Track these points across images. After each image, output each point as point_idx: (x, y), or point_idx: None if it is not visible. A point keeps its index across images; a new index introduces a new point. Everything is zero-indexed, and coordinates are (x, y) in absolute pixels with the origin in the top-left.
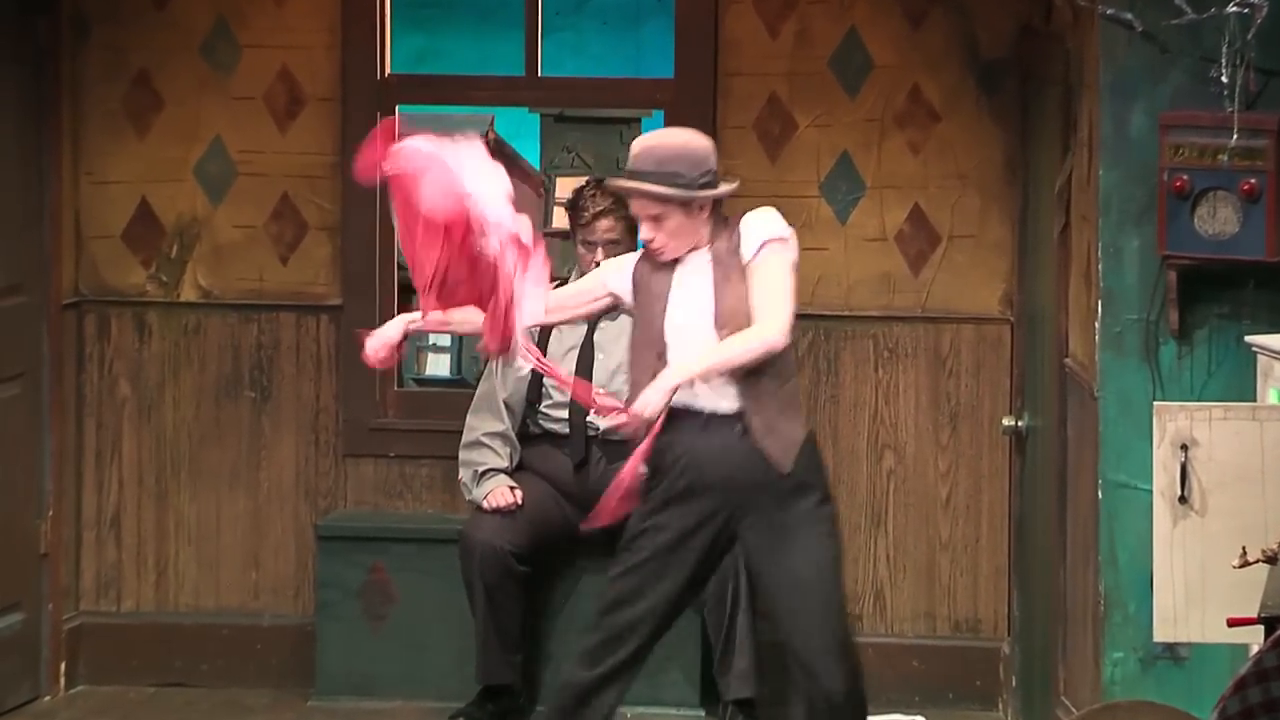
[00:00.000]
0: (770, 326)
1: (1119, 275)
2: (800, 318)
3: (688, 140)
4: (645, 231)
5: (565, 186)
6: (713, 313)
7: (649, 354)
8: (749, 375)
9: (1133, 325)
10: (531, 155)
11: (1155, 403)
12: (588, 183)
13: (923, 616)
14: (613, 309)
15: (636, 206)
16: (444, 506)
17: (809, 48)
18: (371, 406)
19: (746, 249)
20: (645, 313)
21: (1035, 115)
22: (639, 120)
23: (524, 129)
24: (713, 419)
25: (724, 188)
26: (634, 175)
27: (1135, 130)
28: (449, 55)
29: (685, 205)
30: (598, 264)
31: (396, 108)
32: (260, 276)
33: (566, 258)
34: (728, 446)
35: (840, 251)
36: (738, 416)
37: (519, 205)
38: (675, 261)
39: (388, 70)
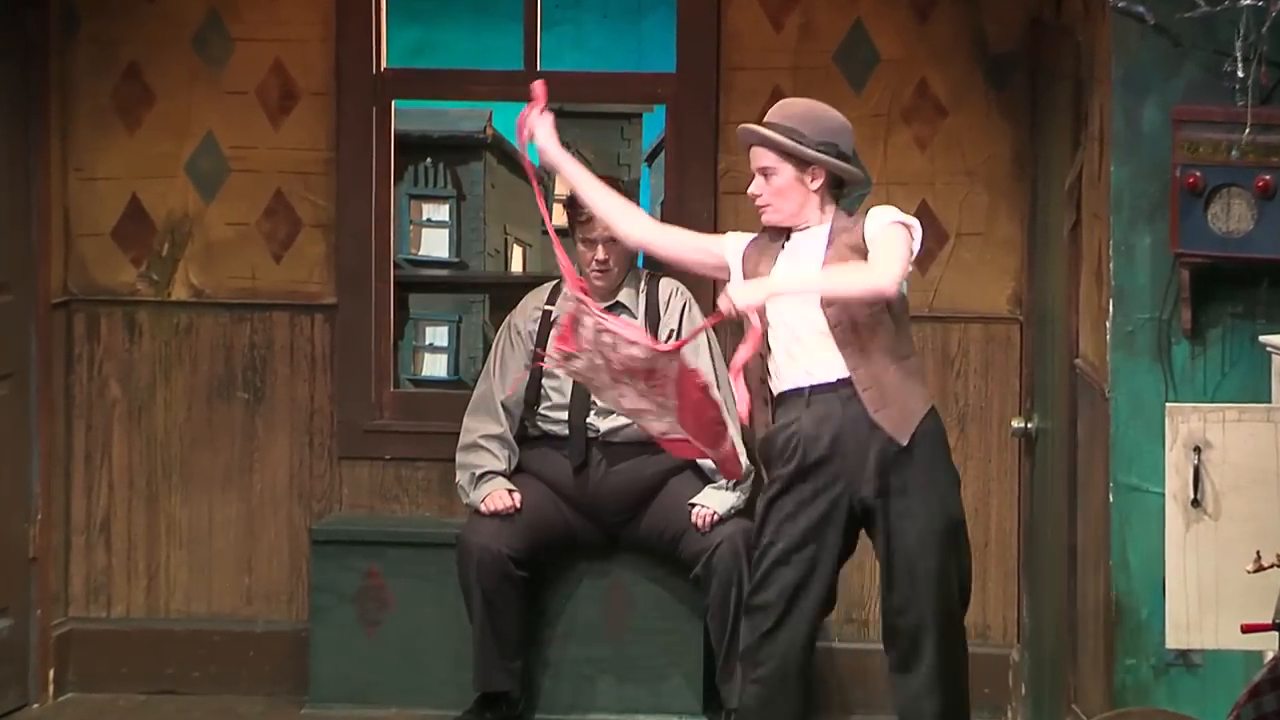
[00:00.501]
0: (881, 272)
1: (1131, 274)
2: None
3: (824, 109)
4: (753, 186)
5: (565, 183)
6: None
7: (761, 318)
8: (860, 349)
9: (1145, 325)
10: (531, 151)
11: (1168, 404)
12: None
13: None
14: (717, 271)
15: (753, 157)
16: (441, 510)
17: (813, 41)
18: (367, 408)
19: (869, 230)
20: (755, 274)
21: (1045, 110)
22: (640, 116)
23: None
24: (816, 391)
25: (844, 165)
26: (763, 126)
27: (1147, 125)
28: (446, 49)
29: (797, 166)
30: (598, 261)
31: (392, 103)
32: (253, 275)
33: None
34: (830, 414)
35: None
36: (843, 384)
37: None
38: (785, 241)
39: (383, 64)
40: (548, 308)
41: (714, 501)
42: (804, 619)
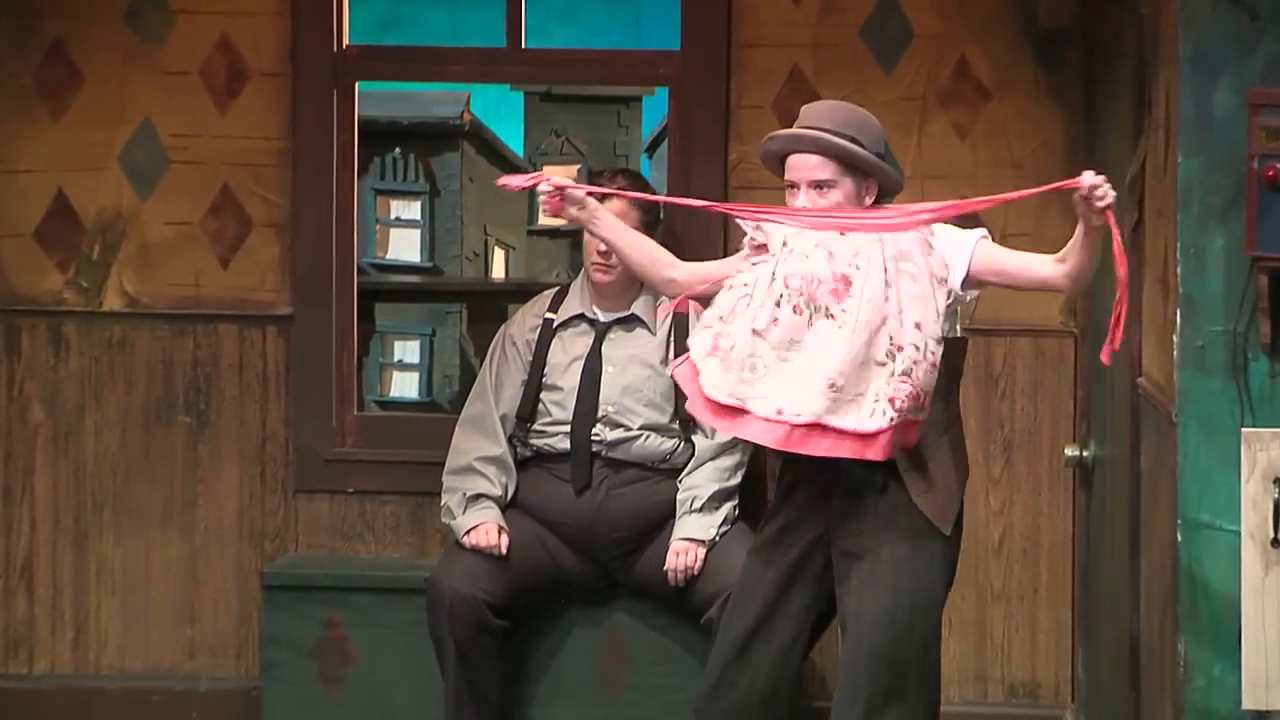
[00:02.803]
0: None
1: (1201, 280)
2: None
3: (865, 112)
4: (803, 199)
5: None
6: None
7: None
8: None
9: (1217, 338)
10: (514, 139)
11: (1243, 429)
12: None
13: (972, 680)
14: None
15: (803, 168)
16: (411, 550)
17: (837, 14)
18: (327, 433)
19: (958, 249)
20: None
21: (1102, 93)
22: (639, 99)
23: (505, 109)
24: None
25: (897, 175)
26: (812, 129)
27: (1220, 110)
28: (417, 23)
29: (858, 179)
30: (600, 253)
31: (356, 85)
32: (196, 282)
33: (554, 260)
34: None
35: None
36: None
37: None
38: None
39: (345, 41)
40: (549, 316)
41: (694, 530)
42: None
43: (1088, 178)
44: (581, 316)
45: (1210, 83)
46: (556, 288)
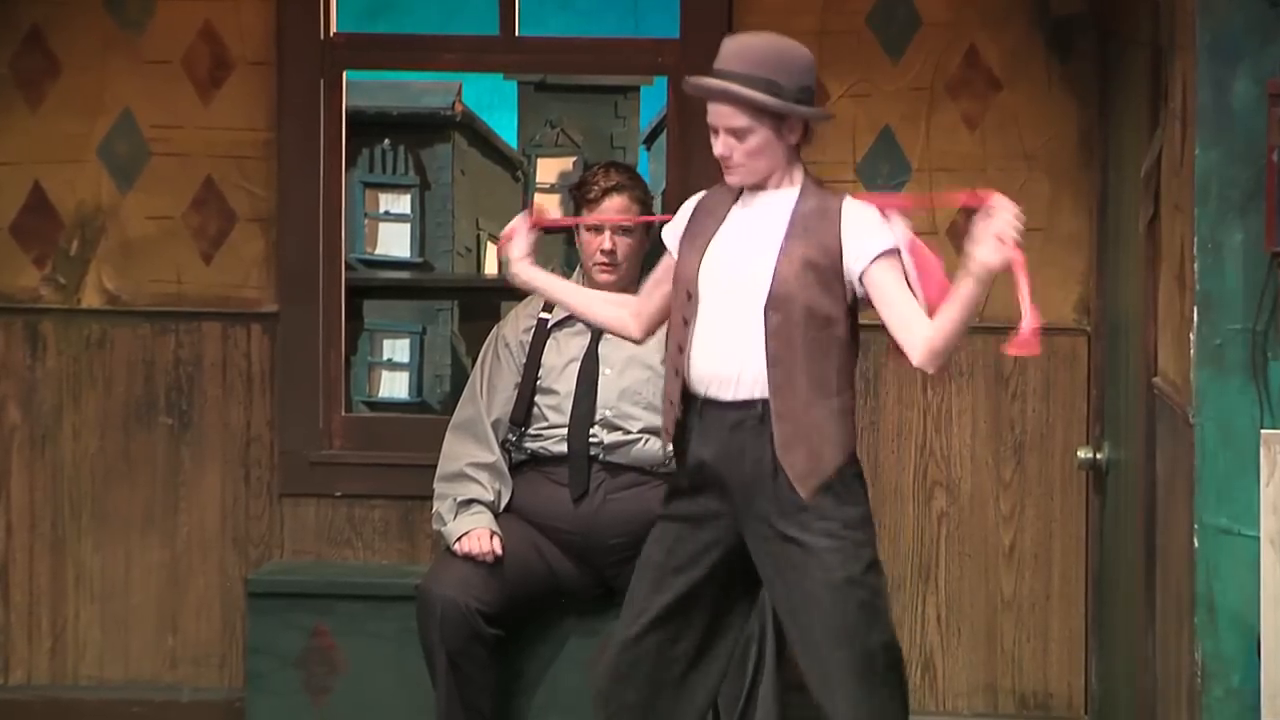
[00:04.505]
0: (921, 346)
1: (1219, 276)
2: None
3: (789, 47)
4: (721, 146)
5: (548, 169)
6: (770, 277)
7: (679, 295)
8: (788, 373)
9: (1236, 337)
10: (507, 131)
11: (1263, 430)
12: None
13: (982, 690)
14: None
15: (718, 115)
16: (400, 556)
17: (843, 1)
18: (313, 435)
19: (857, 251)
20: (683, 253)
21: (1117, 83)
22: (637, 89)
23: (498, 99)
24: (726, 408)
25: (822, 113)
26: (721, 76)
27: (1239, 100)
28: (407, 10)
29: (776, 122)
30: (603, 252)
31: (344, 74)
32: (178, 278)
33: (550, 256)
34: (733, 438)
35: None
36: (755, 405)
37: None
38: (733, 203)
39: (333, 28)
40: (544, 316)
41: None
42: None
43: (997, 198)
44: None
45: (1229, 72)
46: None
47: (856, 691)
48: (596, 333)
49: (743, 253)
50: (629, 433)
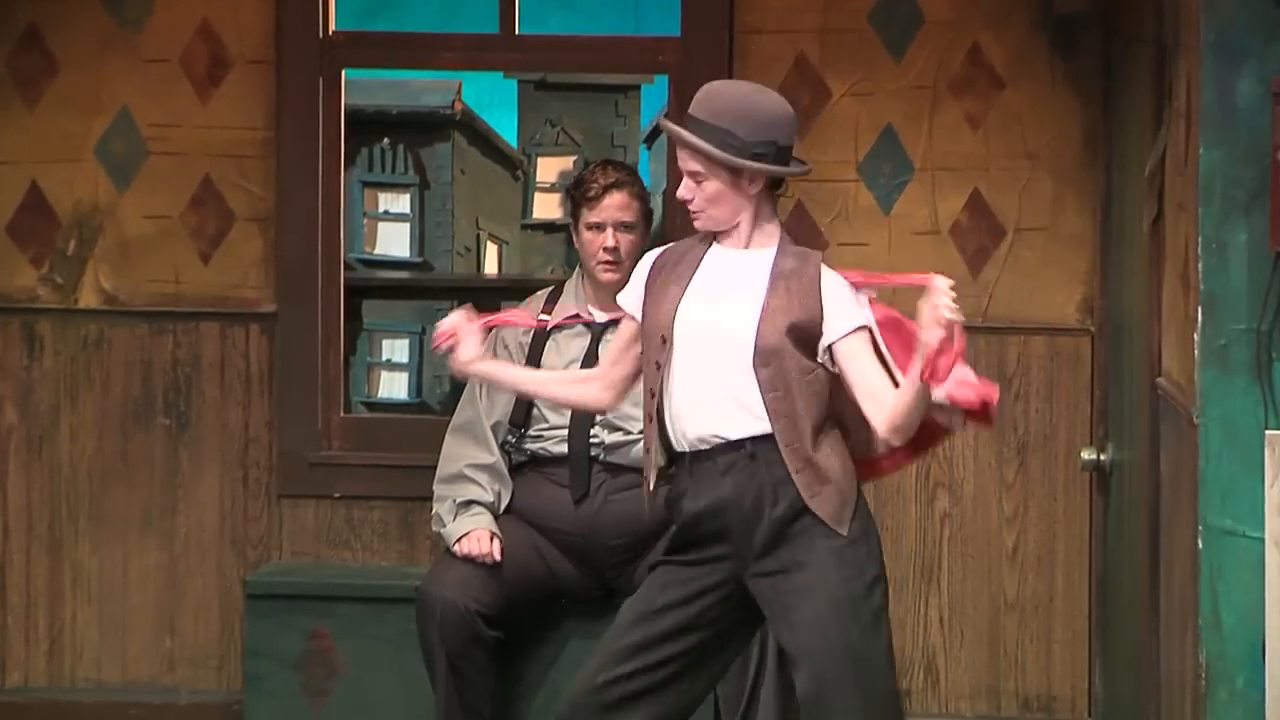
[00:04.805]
0: (890, 424)
1: (1223, 276)
2: None
3: (758, 100)
4: (683, 189)
5: (549, 168)
6: (754, 333)
7: (652, 341)
8: (793, 422)
9: (1240, 337)
10: (507, 130)
11: (1268, 431)
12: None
13: (984, 692)
14: None
15: (680, 158)
16: (400, 558)
17: None
18: (312, 436)
19: (835, 323)
20: (656, 299)
21: (1121, 82)
22: (637, 88)
23: (498, 98)
24: (718, 453)
25: (781, 168)
26: (687, 121)
27: (1244, 99)
28: (406, 8)
29: (732, 173)
30: (606, 249)
31: (342, 72)
32: (176, 278)
33: (550, 255)
34: (725, 482)
35: (883, 247)
36: (743, 445)
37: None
38: (702, 255)
39: (332, 26)
40: (543, 317)
41: None
42: None
43: (936, 279)
44: (577, 317)
45: (1233, 71)
46: (550, 286)
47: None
48: (597, 334)
49: (723, 305)
50: (629, 433)
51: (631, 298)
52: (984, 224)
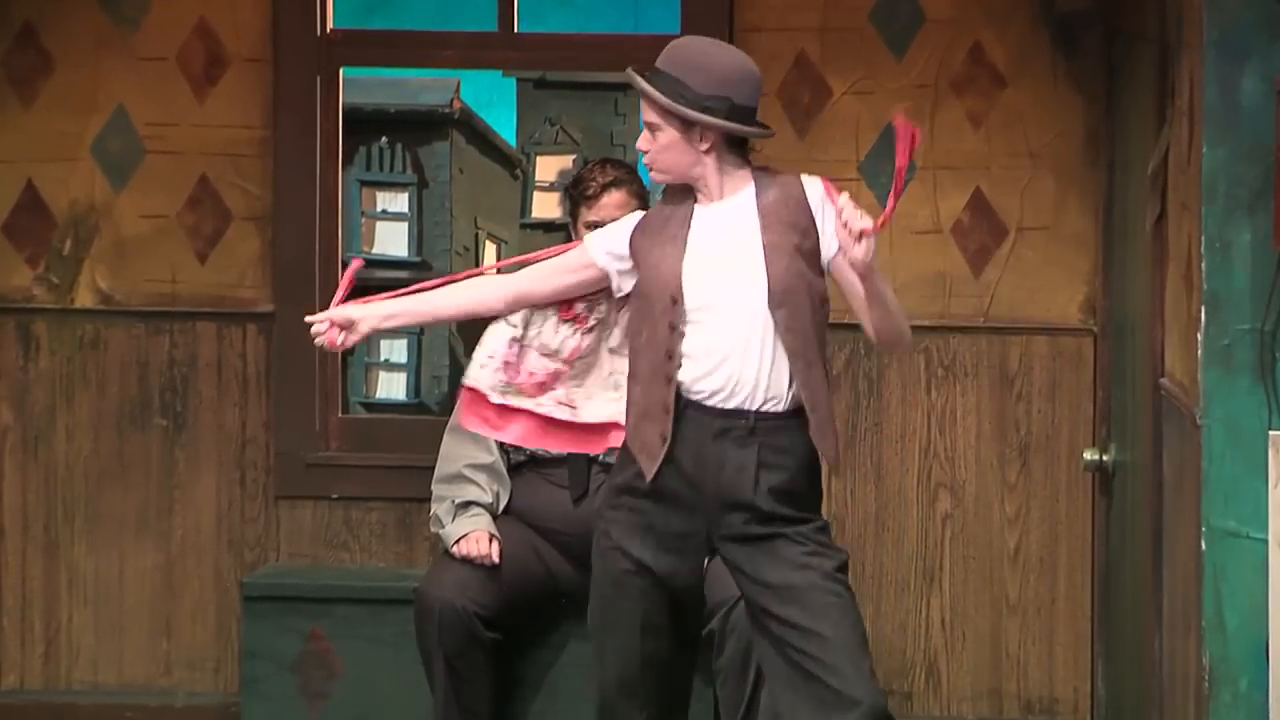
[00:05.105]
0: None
1: (1227, 276)
2: (834, 327)
3: (714, 54)
4: (640, 139)
5: (548, 167)
6: (764, 274)
7: (658, 303)
8: (808, 361)
9: (1244, 337)
10: (506, 129)
11: (1272, 432)
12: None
13: (986, 695)
14: (596, 289)
15: (642, 109)
16: (397, 559)
17: None
18: (310, 437)
19: (831, 236)
20: (654, 261)
21: (1123, 80)
22: None
23: (497, 96)
24: (716, 416)
25: (733, 125)
26: (650, 71)
27: (1247, 98)
28: (404, 6)
29: (681, 124)
30: None
31: (340, 71)
32: (173, 277)
33: None
34: (714, 446)
35: (884, 247)
36: (746, 416)
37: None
38: (690, 212)
39: (330, 24)
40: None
41: None
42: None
43: (843, 198)
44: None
45: (1236, 69)
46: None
47: (862, 658)
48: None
49: (725, 254)
50: None
51: (600, 244)
52: (986, 223)
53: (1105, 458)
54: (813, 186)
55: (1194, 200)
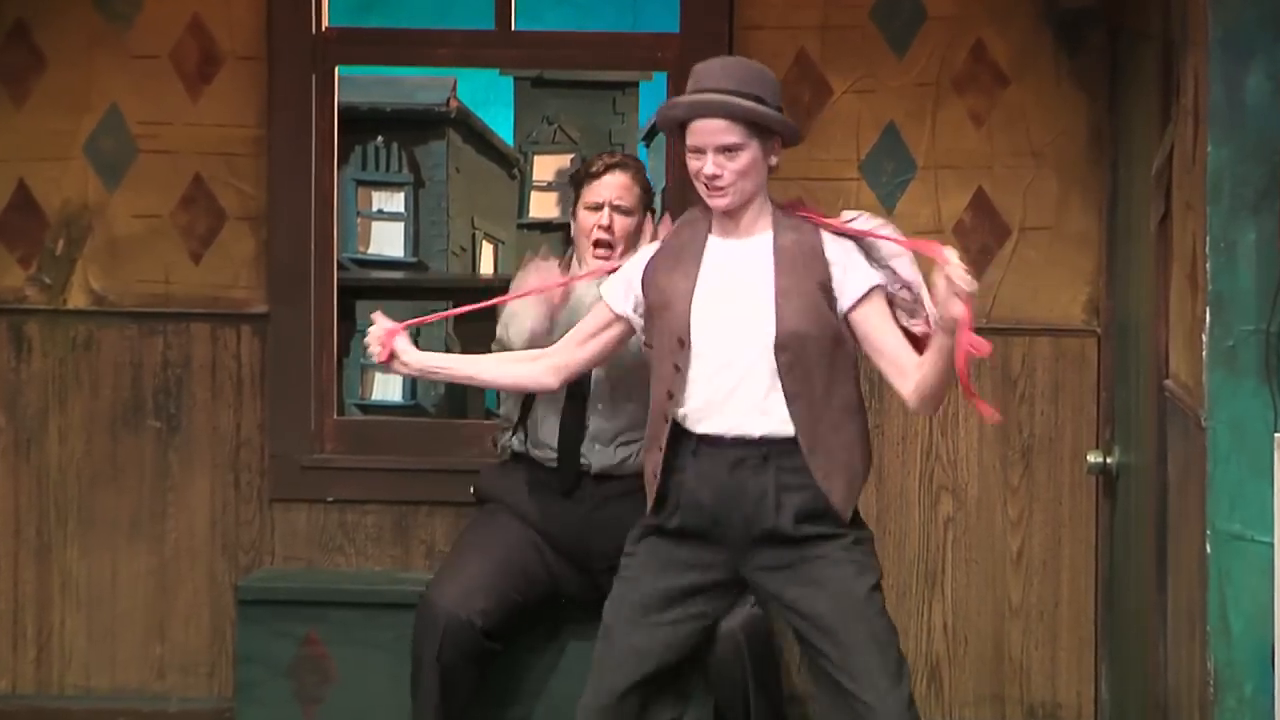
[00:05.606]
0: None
1: (1232, 276)
2: None
3: (763, 67)
4: (711, 166)
5: (545, 166)
6: (773, 318)
7: (666, 342)
8: (810, 404)
9: (1249, 338)
10: (503, 127)
11: (1277, 434)
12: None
13: (989, 700)
14: (625, 339)
15: (708, 133)
16: (394, 563)
17: None
18: (305, 439)
19: (845, 289)
20: (665, 301)
21: (1127, 78)
22: (635, 85)
23: (494, 95)
24: (730, 447)
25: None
26: (717, 91)
27: (1252, 96)
28: (400, 4)
29: (763, 140)
30: (602, 228)
31: (335, 69)
32: (167, 278)
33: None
34: (732, 477)
35: None
36: (759, 444)
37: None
38: (703, 245)
39: (324, 22)
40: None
41: None
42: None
43: (950, 252)
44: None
45: (1242, 67)
46: (565, 256)
47: (897, 688)
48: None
49: (735, 295)
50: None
51: (617, 291)
52: (988, 223)
53: (1109, 460)
54: (834, 241)
55: (1199, 199)
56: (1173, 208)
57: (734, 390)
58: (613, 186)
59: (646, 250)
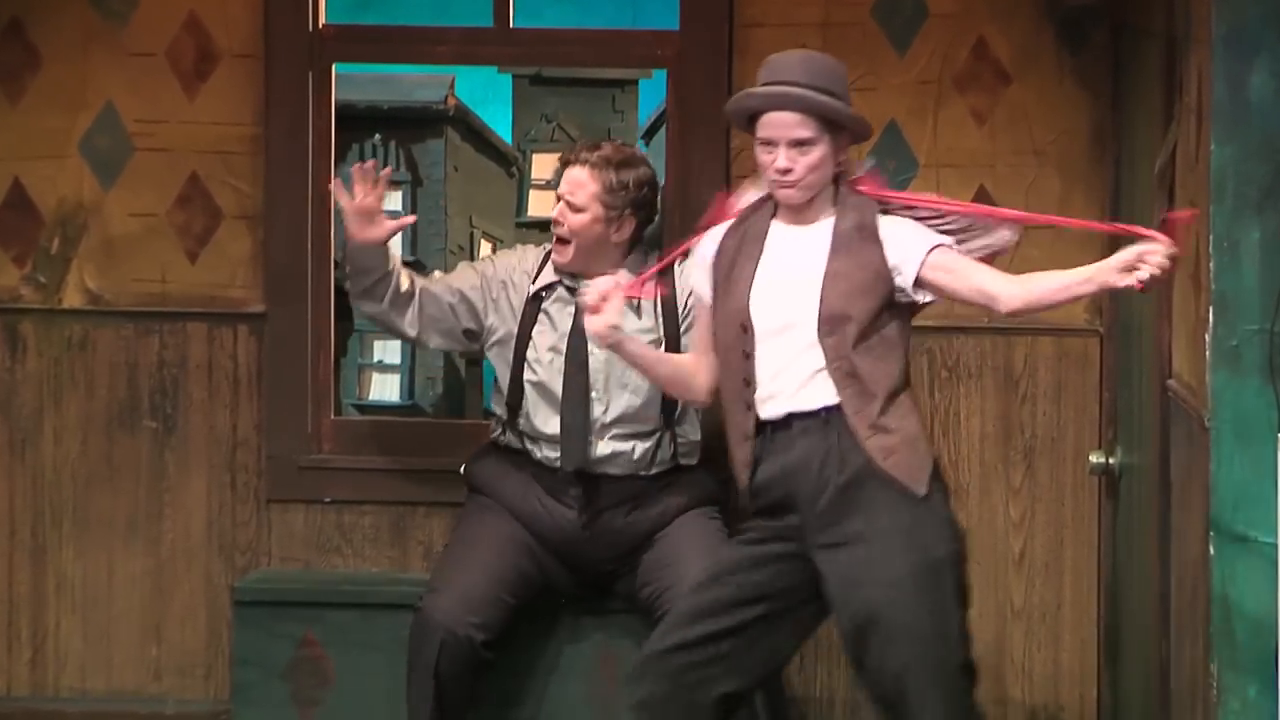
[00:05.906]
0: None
1: (1235, 275)
2: None
3: (838, 61)
4: (784, 159)
5: (544, 165)
6: (818, 301)
7: (731, 330)
8: (860, 386)
9: (1252, 338)
10: (501, 125)
11: None
12: None
13: (991, 702)
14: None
15: (781, 126)
16: (391, 564)
17: None
18: (302, 439)
19: (905, 263)
20: (727, 288)
21: (1130, 76)
22: (635, 83)
23: (492, 93)
24: (793, 420)
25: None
26: (785, 85)
27: (1256, 94)
28: (397, 1)
29: (835, 135)
30: (555, 220)
31: (333, 66)
32: (163, 277)
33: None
34: (798, 445)
35: None
36: (818, 413)
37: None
38: (766, 229)
39: (322, 19)
40: (546, 283)
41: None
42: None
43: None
44: (560, 284)
45: (1245, 65)
46: (546, 248)
47: (932, 685)
48: (578, 313)
49: (788, 279)
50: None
51: (700, 283)
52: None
53: (1111, 460)
54: (889, 221)
55: (1202, 199)
56: (1176, 206)
57: (790, 368)
58: (568, 180)
59: (715, 233)
